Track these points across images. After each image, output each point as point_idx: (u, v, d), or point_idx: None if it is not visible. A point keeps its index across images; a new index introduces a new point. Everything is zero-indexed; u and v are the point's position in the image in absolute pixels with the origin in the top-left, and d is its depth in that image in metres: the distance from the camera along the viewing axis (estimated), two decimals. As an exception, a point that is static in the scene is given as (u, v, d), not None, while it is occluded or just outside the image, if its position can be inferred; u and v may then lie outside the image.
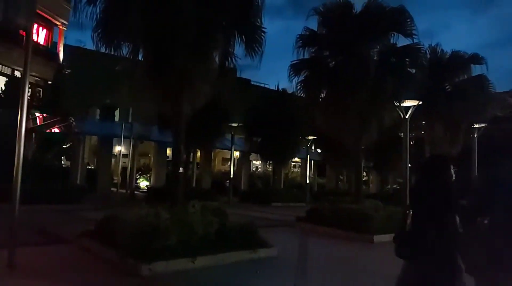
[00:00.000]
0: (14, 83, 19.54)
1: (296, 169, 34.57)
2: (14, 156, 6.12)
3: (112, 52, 8.36)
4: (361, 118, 11.86)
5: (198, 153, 24.06)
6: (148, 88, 8.55)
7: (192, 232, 6.48)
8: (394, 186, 26.55)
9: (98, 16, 7.94)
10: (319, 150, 26.05)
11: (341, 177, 28.57)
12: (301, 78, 12.71)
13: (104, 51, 8.44)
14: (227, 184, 21.81)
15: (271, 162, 23.66)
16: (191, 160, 20.76)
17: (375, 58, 12.26)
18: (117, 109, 24.17)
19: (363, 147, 13.02)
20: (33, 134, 17.28)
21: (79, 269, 6.26)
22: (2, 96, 17.19)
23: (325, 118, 12.95)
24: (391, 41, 12.29)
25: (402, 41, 12.15)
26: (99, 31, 8.02)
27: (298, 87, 12.86)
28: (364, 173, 25.12)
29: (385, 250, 9.16)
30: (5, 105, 14.26)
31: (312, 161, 27.12)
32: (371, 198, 14.83)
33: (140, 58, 8.49)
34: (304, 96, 13.46)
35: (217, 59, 8.57)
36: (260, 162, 28.53)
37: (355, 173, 13.47)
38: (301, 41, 12.71)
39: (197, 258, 6.18)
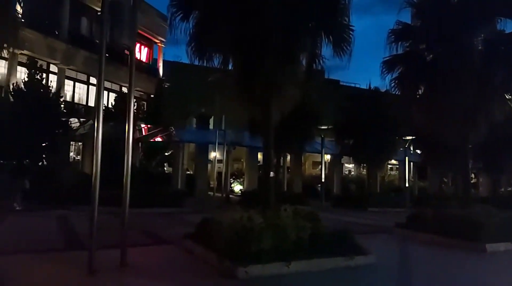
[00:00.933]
0: (122, 98, 21.80)
1: (393, 172, 32.74)
2: (123, 164, 6.76)
3: (205, 64, 8.83)
4: (467, 114, 10.74)
5: (288, 157, 24.15)
6: (238, 96, 8.82)
7: (285, 237, 6.47)
8: (510, 189, 23.58)
9: (191, 31, 8.45)
10: (418, 151, 24.28)
11: (445, 180, 26.25)
12: (395, 74, 11.99)
13: (197, 64, 8.96)
14: (319, 188, 21.47)
15: (365, 165, 22.72)
16: (281, 164, 20.91)
17: (479, 47, 11.05)
18: (211, 117, 25.48)
19: (470, 146, 11.78)
20: (140, 144, 19.05)
21: (181, 269, 6.67)
22: (113, 110, 19.23)
23: (425, 116, 11.99)
24: (498, 28, 10.99)
25: (510, 27, 10.83)
26: (192, 45, 8.53)
27: (392, 84, 12.14)
28: (473, 175, 22.75)
29: (500, 260, 8.16)
30: (115, 118, 15.90)
31: (411, 163, 25.40)
32: (481, 202, 13.34)
33: (230, 67, 8.82)
34: (399, 93, 12.66)
35: (304, 62, 8.50)
36: (353, 165, 27.59)
37: (462, 175, 12.22)
38: (393, 36, 12.00)
39: (291, 262, 6.14)
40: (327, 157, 24.77)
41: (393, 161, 28.48)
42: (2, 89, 20.75)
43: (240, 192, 24.04)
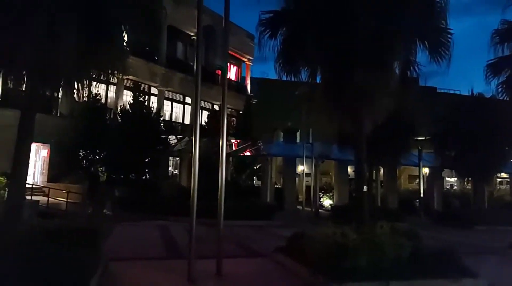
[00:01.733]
0: (213, 115, 22.97)
1: (503, 186, 29.25)
2: (217, 177, 7.08)
3: (292, 79, 8.92)
4: None
5: (382, 171, 23.02)
6: (326, 108, 8.70)
7: (382, 254, 6.12)
8: None
9: (279, 48, 8.63)
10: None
11: None
12: (502, 78, 10.85)
13: (285, 79, 9.10)
14: (417, 204, 20.02)
15: (470, 178, 20.63)
16: (374, 178, 20.00)
17: None
18: (298, 131, 25.54)
19: None
20: (230, 158, 19.80)
21: (273, 282, 6.70)
22: (206, 127, 20.36)
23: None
24: None
25: None
26: (280, 61, 8.70)
27: (500, 89, 10.99)
28: None
29: None
30: (208, 134, 16.78)
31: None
32: None
33: (317, 80, 8.79)
34: (508, 98, 11.38)
35: (397, 69, 8.11)
36: (456, 178, 25.26)
37: None
38: (498, 37, 10.90)
39: (389, 283, 5.78)
40: (425, 170, 23.05)
41: (504, 174, 25.49)
42: (111, 111, 23.35)
43: (330, 206, 23.52)
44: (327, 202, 25.39)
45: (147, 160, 19.98)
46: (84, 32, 5.84)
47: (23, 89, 6.31)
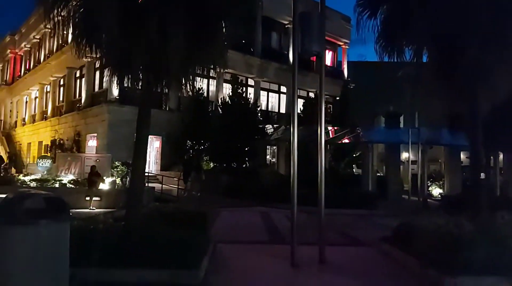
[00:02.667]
0: (308, 103, 22.82)
1: None
2: (313, 166, 7.03)
3: (395, 60, 8.39)
4: None
5: (501, 156, 20.51)
6: (435, 89, 8.02)
7: (503, 247, 5.49)
8: None
9: (379, 28, 8.16)
10: None
11: None
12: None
13: (386, 60, 8.60)
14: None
15: None
16: (491, 164, 17.93)
17: None
18: (401, 115, 24.03)
19: None
20: (328, 146, 19.52)
21: (378, 271, 6.48)
22: (302, 115, 20.34)
23: None
24: None
25: None
26: (381, 41, 8.23)
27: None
28: None
29: None
30: (304, 122, 16.74)
31: None
32: None
33: (423, 60, 8.14)
34: None
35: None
36: None
37: None
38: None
39: (513, 280, 5.17)
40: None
41: None
42: (213, 104, 24.72)
43: (439, 196, 21.76)
44: (436, 191, 23.55)
45: (246, 149, 20.78)
46: (189, 30, 6.24)
47: (139, 87, 6.99)
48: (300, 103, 28.62)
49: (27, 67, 37.76)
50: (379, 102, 24.54)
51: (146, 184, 17.20)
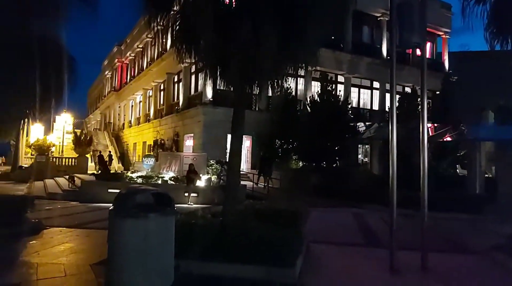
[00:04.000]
0: (405, 99, 21.46)
1: None
2: (410, 165, 6.55)
3: (508, 48, 7.51)
4: None
5: None
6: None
7: None
8: None
9: (489, 13, 7.36)
10: None
11: None
12: None
13: (498, 49, 7.73)
14: None
15: None
16: None
17: None
18: (515, 109, 21.34)
19: None
20: (427, 144, 18.14)
21: (492, 283, 5.82)
22: (397, 112, 19.16)
23: None
24: None
25: None
26: (491, 28, 7.42)
27: None
28: None
29: None
30: (400, 119, 15.74)
31: None
32: None
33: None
34: None
35: None
36: None
37: None
38: None
39: None
40: None
41: None
42: (301, 103, 24.63)
43: (562, 200, 18.84)
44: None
45: (336, 148, 20.29)
46: (281, 31, 6.27)
47: (234, 89, 7.23)
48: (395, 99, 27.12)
49: (132, 74, 41.70)
50: (487, 96, 22.06)
51: (239, 182, 17.96)
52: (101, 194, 15.13)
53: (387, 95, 28.19)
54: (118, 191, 15.08)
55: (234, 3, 6.71)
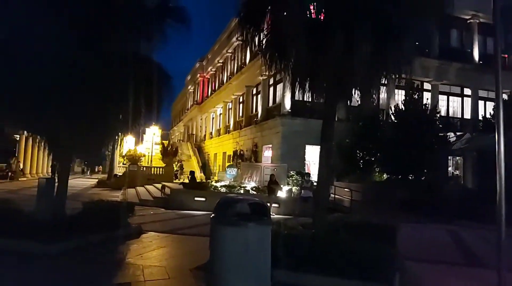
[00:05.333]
0: (503, 105, 19.54)
1: None
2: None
3: None
4: None
5: None
6: None
7: None
8: None
9: None
10: None
11: None
12: None
13: None
14: None
15: None
16: None
17: None
18: None
19: None
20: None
21: None
22: (492, 120, 17.58)
23: None
24: None
25: None
26: None
27: None
28: None
29: None
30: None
31: None
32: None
33: None
34: None
35: None
36: None
37: None
38: None
39: None
40: None
41: None
42: (383, 112, 23.69)
43: None
44: None
45: (424, 160, 19.11)
46: (375, 39, 6.16)
47: (325, 100, 7.23)
48: (488, 106, 24.89)
49: (213, 88, 43.71)
50: None
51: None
52: (188, 202, 15.97)
53: (480, 103, 25.98)
54: (203, 199, 15.76)
55: (325, 15, 6.75)
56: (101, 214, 8.75)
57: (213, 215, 5.32)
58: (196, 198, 15.97)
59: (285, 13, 6.75)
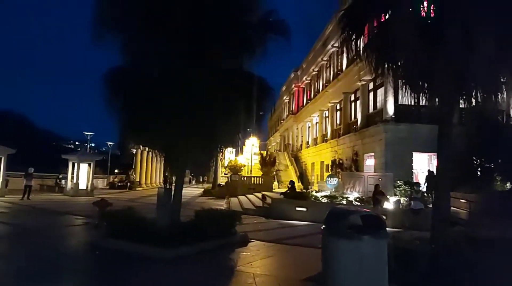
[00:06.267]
0: None
1: None
2: None
3: None
4: None
5: None
6: None
7: None
8: None
9: None
10: None
11: None
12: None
13: None
14: None
15: None
16: None
17: None
18: None
19: None
20: None
21: None
22: None
23: None
24: None
25: None
26: None
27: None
28: None
29: None
30: None
31: None
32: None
33: None
34: None
35: None
36: None
37: None
38: None
39: None
40: None
41: None
42: (503, 113, 21.03)
43: None
44: None
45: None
46: (498, 33, 5.51)
47: (442, 104, 6.65)
48: None
49: (308, 97, 43.61)
50: None
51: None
52: (289, 211, 16.01)
53: None
54: (304, 209, 15.65)
55: (440, 12, 6.25)
56: (211, 222, 9.21)
57: (324, 226, 5.21)
58: (297, 208, 15.95)
59: (393, 15, 6.41)
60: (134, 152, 38.78)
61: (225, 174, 39.83)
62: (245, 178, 31.63)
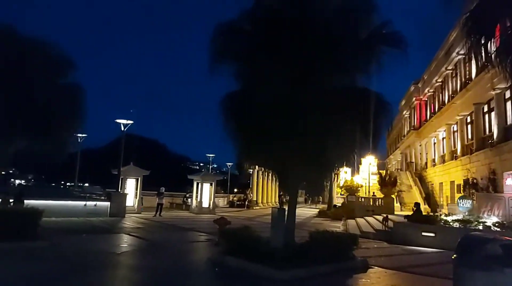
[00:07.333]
0: None
1: None
2: None
3: None
4: None
5: None
6: None
7: None
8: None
9: None
10: None
11: None
12: None
13: None
14: None
15: None
16: None
17: None
18: None
19: None
20: None
21: None
22: None
23: None
24: None
25: None
26: None
27: None
28: None
29: None
30: None
31: None
32: None
33: None
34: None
35: None
36: None
37: None
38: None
39: None
40: None
41: None
42: None
43: None
44: None
45: None
46: None
47: None
48: None
49: (432, 111, 40.02)
50: None
51: None
52: (414, 236, 14.65)
53: None
54: (432, 235, 14.20)
55: None
56: (327, 244, 8.89)
57: (455, 255, 4.55)
58: (423, 233, 14.50)
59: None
60: (251, 172, 40.42)
61: (340, 194, 38.69)
62: (362, 199, 30.22)
